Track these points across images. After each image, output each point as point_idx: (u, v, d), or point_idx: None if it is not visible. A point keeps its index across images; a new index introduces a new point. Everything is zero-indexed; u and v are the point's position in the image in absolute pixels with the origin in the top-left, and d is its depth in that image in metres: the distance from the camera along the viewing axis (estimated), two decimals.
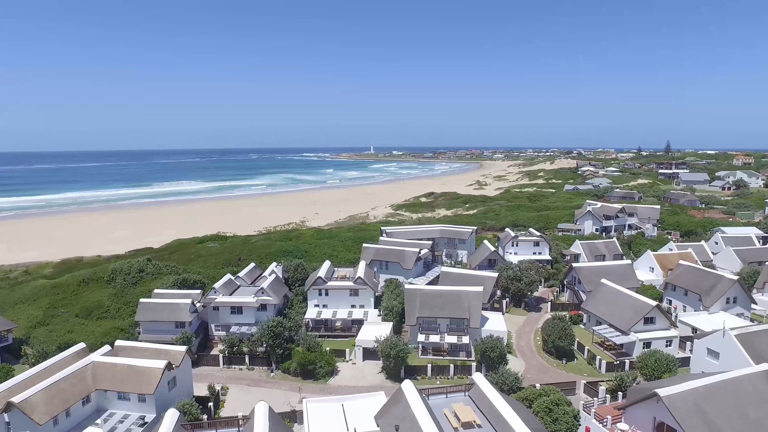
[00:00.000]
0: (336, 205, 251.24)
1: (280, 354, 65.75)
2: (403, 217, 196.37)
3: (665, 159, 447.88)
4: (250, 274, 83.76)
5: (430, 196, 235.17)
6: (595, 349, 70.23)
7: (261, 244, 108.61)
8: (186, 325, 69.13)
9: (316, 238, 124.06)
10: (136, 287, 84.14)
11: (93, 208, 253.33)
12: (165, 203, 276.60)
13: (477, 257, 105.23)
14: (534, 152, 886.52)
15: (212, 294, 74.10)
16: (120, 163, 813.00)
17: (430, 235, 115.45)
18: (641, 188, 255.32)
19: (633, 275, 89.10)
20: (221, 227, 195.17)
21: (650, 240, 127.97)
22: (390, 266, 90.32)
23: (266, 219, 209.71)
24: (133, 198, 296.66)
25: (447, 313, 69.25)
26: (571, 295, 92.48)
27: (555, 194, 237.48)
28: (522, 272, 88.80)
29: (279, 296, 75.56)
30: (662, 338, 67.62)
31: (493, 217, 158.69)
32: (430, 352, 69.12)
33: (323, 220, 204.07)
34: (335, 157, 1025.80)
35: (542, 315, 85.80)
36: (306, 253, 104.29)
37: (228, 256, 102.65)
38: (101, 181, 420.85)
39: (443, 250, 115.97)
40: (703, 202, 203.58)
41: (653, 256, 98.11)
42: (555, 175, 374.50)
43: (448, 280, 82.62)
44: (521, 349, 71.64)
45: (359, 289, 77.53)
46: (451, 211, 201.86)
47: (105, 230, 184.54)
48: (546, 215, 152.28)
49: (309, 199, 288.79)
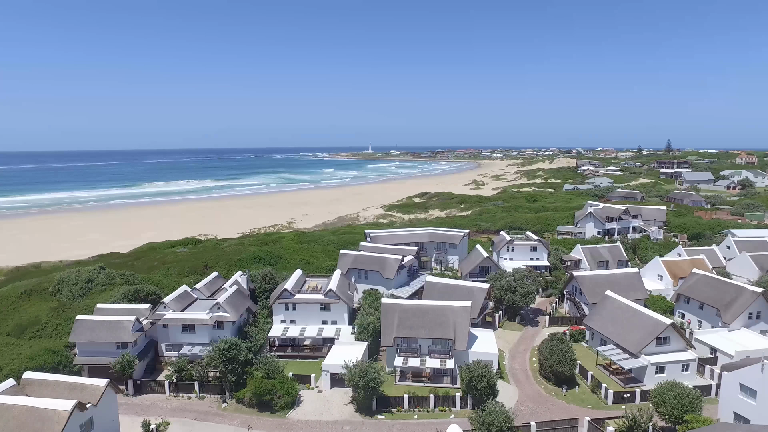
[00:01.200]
0: (326, 206, 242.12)
1: (233, 381, 56.58)
2: (394, 218, 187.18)
3: (666, 158, 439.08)
4: (210, 285, 74.42)
5: (423, 197, 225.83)
6: (600, 373, 61.05)
7: (232, 249, 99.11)
8: (129, 346, 59.90)
9: (296, 243, 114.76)
10: (83, 300, 74.79)
11: (74, 209, 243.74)
12: (151, 204, 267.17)
13: (469, 263, 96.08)
14: (533, 151, 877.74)
15: (161, 309, 64.83)
16: (110, 162, 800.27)
17: (417, 238, 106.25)
18: (643, 188, 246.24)
19: (640, 285, 79.95)
20: (204, 229, 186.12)
21: (656, 244, 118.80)
22: (369, 275, 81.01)
23: (252, 220, 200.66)
24: (117, 198, 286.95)
25: (429, 333, 60.01)
26: (571, 306, 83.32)
27: (554, 194, 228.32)
28: (517, 282, 79.61)
29: (238, 312, 66.26)
30: (678, 362, 58.45)
31: (488, 219, 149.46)
32: (409, 377, 59.91)
33: (311, 221, 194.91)
34: (333, 156, 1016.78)
35: (539, 330, 76.60)
36: (280, 260, 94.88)
37: (194, 263, 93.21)
38: (88, 181, 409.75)
39: (432, 255, 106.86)
40: (709, 203, 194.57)
41: (662, 263, 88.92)
42: (554, 174, 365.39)
43: (433, 291, 73.42)
44: (515, 374, 62.40)
45: (331, 303, 68.28)
46: (445, 212, 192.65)
47: (78, 233, 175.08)
48: (544, 217, 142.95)
49: (300, 200, 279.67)
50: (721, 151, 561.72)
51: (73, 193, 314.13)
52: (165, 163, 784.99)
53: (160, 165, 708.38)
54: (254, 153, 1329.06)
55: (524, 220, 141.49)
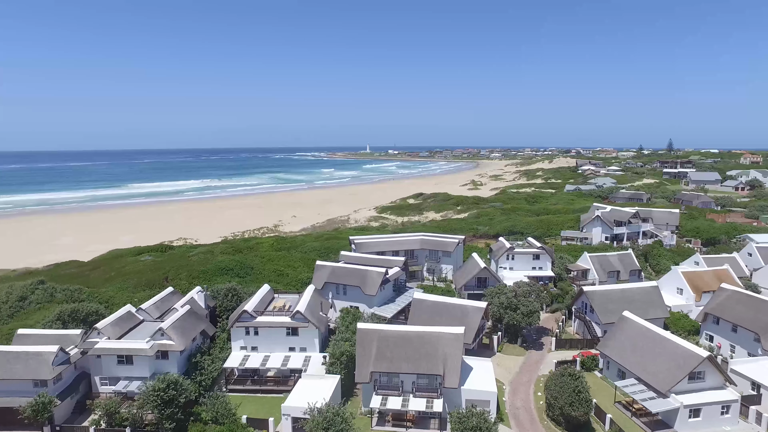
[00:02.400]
0: (318, 207, 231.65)
1: (172, 429, 46.13)
2: (386, 220, 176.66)
3: (669, 158, 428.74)
4: (162, 303, 63.78)
5: (418, 198, 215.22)
6: (619, 414, 50.58)
7: (198, 258, 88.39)
8: (49, 383, 49.35)
9: (274, 249, 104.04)
10: (11, 322, 64.15)
11: (55, 210, 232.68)
12: (137, 205, 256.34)
13: (464, 274, 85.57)
14: (532, 151, 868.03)
15: (95, 336, 54.26)
16: (103, 162, 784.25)
17: (407, 246, 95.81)
18: (647, 189, 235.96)
19: (660, 301, 69.65)
20: (186, 232, 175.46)
21: (670, 251, 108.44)
22: (349, 291, 70.41)
23: (239, 222, 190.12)
24: (102, 200, 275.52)
25: (413, 367, 49.54)
26: (580, 326, 72.90)
27: (555, 195, 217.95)
28: (519, 298, 69.18)
29: (188, 337, 55.67)
30: (716, 403, 48.00)
31: (486, 222, 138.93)
32: (388, 421, 49.46)
33: (299, 224, 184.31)
34: (331, 156, 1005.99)
35: (544, 355, 66.18)
36: (251, 271, 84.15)
37: (154, 274, 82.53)
38: (76, 181, 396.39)
39: (424, 264, 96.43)
40: (719, 204, 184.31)
41: (682, 275, 78.53)
42: (554, 174, 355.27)
43: (421, 311, 62.97)
44: (517, 414, 51.93)
45: (299, 327, 57.75)
46: (441, 215, 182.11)
47: (52, 236, 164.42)
48: (547, 220, 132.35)
49: (292, 201, 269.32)
50: (723, 151, 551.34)
51: (59, 194, 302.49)
52: (160, 162, 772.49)
53: (154, 165, 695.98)
54: (252, 153, 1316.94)
55: (525, 223, 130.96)
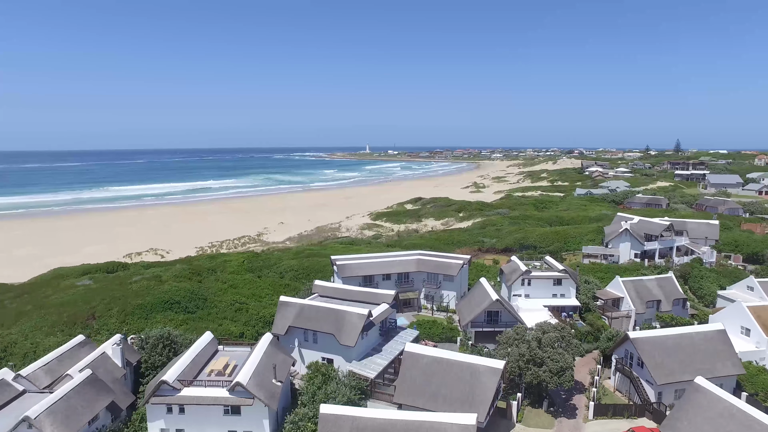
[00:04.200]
0: (308, 212, 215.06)
1: None
2: (381, 228, 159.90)
3: (678, 158, 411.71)
4: (59, 363, 46.52)
5: (416, 203, 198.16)
6: None
7: (140, 287, 70.70)
8: None
9: (243, 270, 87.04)
10: None
11: (23, 215, 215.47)
12: (114, 209, 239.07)
13: (470, 306, 68.77)
14: (534, 152, 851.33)
15: None
16: (92, 163, 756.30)
17: (401, 267, 78.94)
18: (663, 192, 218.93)
19: (730, 352, 52.98)
20: (159, 241, 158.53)
21: (712, 271, 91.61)
22: (320, 339, 53.47)
23: (221, 230, 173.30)
24: (77, 204, 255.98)
25: None
26: (623, 381, 56.08)
27: (565, 200, 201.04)
28: (544, 348, 52.37)
29: (76, 425, 38.74)
30: None
31: (493, 234, 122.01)
32: None
33: (285, 232, 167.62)
34: (331, 156, 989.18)
35: (579, 425, 49.44)
36: (204, 304, 66.96)
37: (79, 308, 65.00)
38: (53, 184, 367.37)
39: (421, 289, 79.67)
40: (747, 211, 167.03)
41: (749, 311, 61.73)
42: (560, 176, 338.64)
43: (414, 374, 46.12)
44: None
45: (241, 406, 40.90)
46: (441, 222, 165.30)
47: (4, 247, 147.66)
48: (563, 233, 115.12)
49: (282, 204, 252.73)
50: (732, 152, 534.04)
51: (31, 197, 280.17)
52: (155, 163, 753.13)
53: (148, 165, 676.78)
54: (250, 153, 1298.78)
55: (538, 235, 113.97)
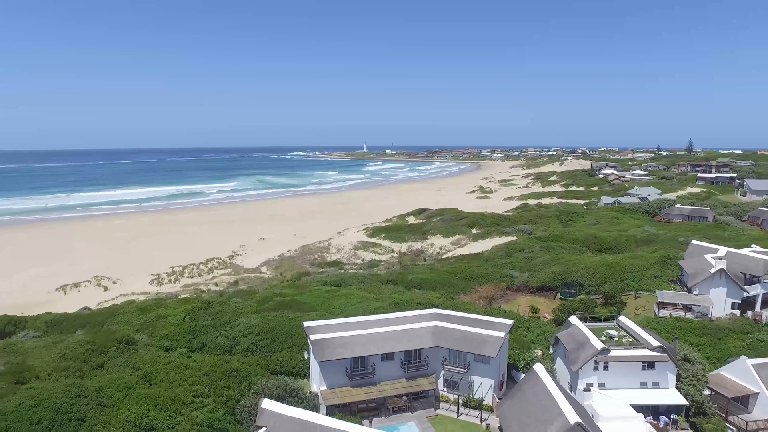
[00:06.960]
0: (297, 222, 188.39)
1: None
2: (378, 249, 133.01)
3: (694, 159, 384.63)
4: None
5: (420, 215, 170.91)
6: None
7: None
8: None
9: (183, 331, 59.60)
10: None
11: None
12: (77, 219, 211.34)
13: (521, 413, 42.21)
14: (536, 151, 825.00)
15: None
16: (74, 163, 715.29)
17: (410, 341, 52.04)
18: (696, 200, 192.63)
19: None
20: (112, 265, 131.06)
21: None
22: None
23: (190, 249, 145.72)
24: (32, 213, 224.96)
25: None
26: None
27: (591, 211, 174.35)
28: None
29: None
30: None
31: (523, 264, 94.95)
32: None
33: (264, 252, 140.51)
34: (327, 156, 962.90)
35: None
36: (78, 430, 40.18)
37: None
38: (16, 189, 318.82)
39: (440, 372, 53.02)
40: None
41: None
42: (572, 179, 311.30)
43: None
44: None
45: None
46: (451, 240, 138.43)
47: None
48: (616, 264, 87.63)
49: (269, 212, 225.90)
50: (747, 152, 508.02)
51: None
52: (141, 164, 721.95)
53: (134, 166, 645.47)
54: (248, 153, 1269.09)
55: (583, 269, 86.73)
